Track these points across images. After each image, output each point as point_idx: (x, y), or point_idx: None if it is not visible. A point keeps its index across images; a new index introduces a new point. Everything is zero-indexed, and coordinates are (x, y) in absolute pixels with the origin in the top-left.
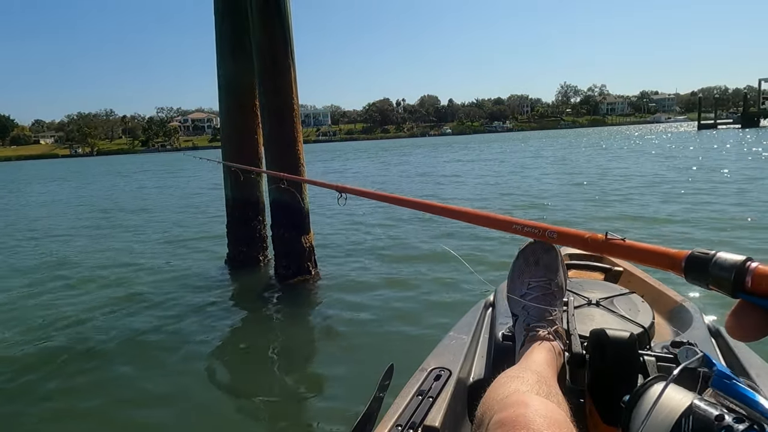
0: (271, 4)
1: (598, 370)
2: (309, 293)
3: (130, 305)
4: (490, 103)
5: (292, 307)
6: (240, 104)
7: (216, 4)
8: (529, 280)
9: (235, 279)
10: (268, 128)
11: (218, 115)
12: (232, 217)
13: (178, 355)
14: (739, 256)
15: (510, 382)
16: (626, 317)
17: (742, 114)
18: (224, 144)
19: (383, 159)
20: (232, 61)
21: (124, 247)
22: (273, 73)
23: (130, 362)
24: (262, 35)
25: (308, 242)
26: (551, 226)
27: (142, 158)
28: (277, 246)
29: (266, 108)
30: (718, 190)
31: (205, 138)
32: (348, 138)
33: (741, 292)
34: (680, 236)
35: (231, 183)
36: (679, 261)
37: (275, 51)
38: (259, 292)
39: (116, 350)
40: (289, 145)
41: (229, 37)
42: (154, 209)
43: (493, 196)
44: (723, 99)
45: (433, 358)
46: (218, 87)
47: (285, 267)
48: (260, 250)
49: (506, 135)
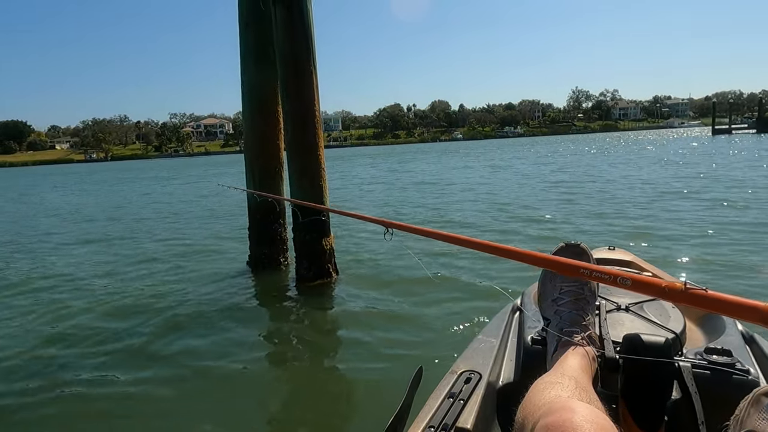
0: (295, 14)
1: (632, 375)
2: (331, 295)
3: (156, 307)
4: (501, 109)
5: (316, 308)
6: (263, 110)
7: (240, 13)
8: (561, 284)
9: (257, 280)
10: (291, 134)
11: (230, 121)
12: (254, 219)
13: (204, 353)
14: None
15: (550, 387)
16: (657, 323)
17: (758, 119)
18: (247, 149)
19: (386, 165)
20: (255, 69)
21: (148, 250)
22: (296, 80)
23: (158, 361)
24: (285, 44)
25: (329, 244)
26: (623, 272)
27: (163, 163)
28: (298, 248)
29: (289, 114)
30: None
31: (218, 143)
32: (359, 143)
33: None
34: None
35: (253, 185)
36: None
37: (298, 59)
38: (282, 293)
39: (143, 351)
40: (311, 150)
41: (252, 45)
42: (177, 213)
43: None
44: (738, 103)
45: (462, 361)
46: (242, 93)
47: (306, 269)
48: (281, 252)
49: (517, 140)
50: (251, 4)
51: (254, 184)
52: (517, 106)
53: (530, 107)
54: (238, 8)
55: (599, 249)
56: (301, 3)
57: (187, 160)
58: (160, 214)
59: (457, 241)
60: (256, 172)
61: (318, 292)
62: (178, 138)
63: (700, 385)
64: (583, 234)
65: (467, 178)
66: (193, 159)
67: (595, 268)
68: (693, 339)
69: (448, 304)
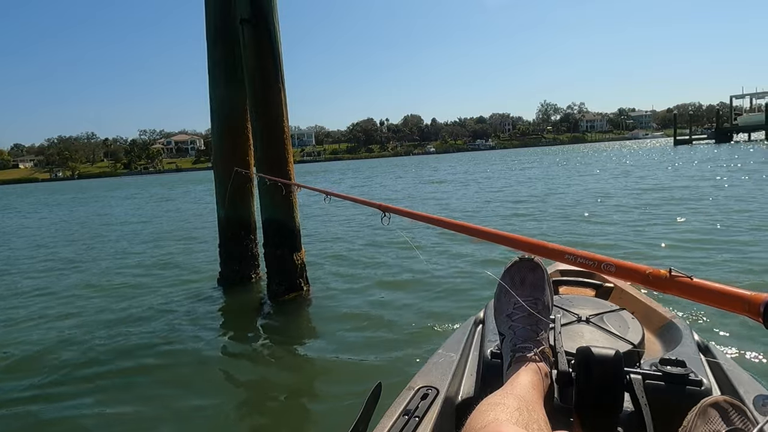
0: (262, 32)
1: (584, 388)
2: (301, 309)
3: (122, 326)
4: (472, 122)
5: (284, 323)
6: (231, 127)
7: (208, 31)
8: (515, 299)
9: (228, 297)
10: (260, 150)
11: (201, 137)
12: (224, 236)
13: (170, 373)
14: None
15: (491, 410)
16: (616, 334)
17: (716, 130)
18: (216, 165)
19: (351, 182)
20: (223, 86)
21: (114, 267)
22: (264, 96)
23: (122, 382)
24: (253, 61)
25: (300, 259)
26: (608, 258)
27: (131, 180)
28: (270, 263)
29: (258, 130)
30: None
31: (189, 160)
32: (332, 158)
33: None
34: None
35: (223, 203)
36: (756, 305)
37: (266, 76)
38: (252, 309)
39: (109, 371)
40: (281, 166)
41: (220, 62)
42: (144, 230)
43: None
44: (697, 115)
45: (420, 377)
46: (210, 110)
47: (278, 284)
48: (252, 267)
49: (488, 153)
50: (219, 23)
51: (224, 200)
52: (488, 119)
53: (501, 120)
54: (206, 26)
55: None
56: (267, 21)
57: (156, 178)
58: (122, 234)
59: (452, 226)
60: (226, 189)
61: (289, 306)
62: (148, 155)
63: (654, 396)
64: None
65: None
66: (162, 176)
67: (581, 254)
68: (652, 350)
69: (417, 316)
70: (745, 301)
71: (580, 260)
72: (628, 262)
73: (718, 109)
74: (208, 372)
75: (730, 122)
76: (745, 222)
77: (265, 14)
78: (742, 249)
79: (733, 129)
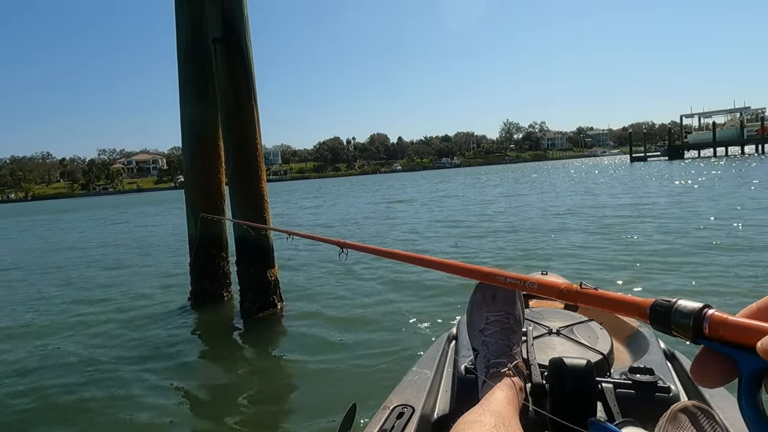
0: (235, 51)
1: (557, 398)
2: (274, 327)
3: (90, 348)
4: (438, 140)
5: (257, 341)
6: (203, 144)
7: (179, 49)
8: (487, 314)
9: (199, 315)
10: (232, 167)
11: (164, 156)
12: (196, 254)
13: (141, 394)
14: (697, 303)
15: (467, 428)
16: (586, 345)
17: (669, 147)
18: (187, 183)
19: (309, 203)
20: (195, 103)
21: (84, 287)
22: (237, 114)
23: (93, 404)
24: (226, 80)
25: (273, 276)
26: (531, 277)
27: (88, 202)
28: (243, 281)
29: (231, 148)
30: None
31: (151, 180)
32: (299, 177)
33: (700, 338)
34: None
35: (194, 221)
36: (644, 309)
37: (239, 94)
38: (224, 327)
39: (77, 393)
40: (254, 183)
41: (192, 80)
42: (111, 249)
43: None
44: (651, 133)
45: (395, 395)
46: (181, 128)
47: (251, 301)
48: (224, 285)
49: (454, 171)
50: (190, 41)
51: (195, 218)
52: (453, 137)
53: (465, 139)
54: (177, 44)
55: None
56: (240, 40)
57: (116, 198)
58: (82, 254)
59: (408, 259)
60: (197, 208)
61: (263, 324)
62: (108, 175)
63: (625, 404)
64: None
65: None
66: (123, 196)
67: (508, 275)
68: (621, 359)
69: (391, 331)
70: (637, 306)
71: (509, 281)
72: (547, 280)
73: (669, 128)
74: (179, 392)
75: (681, 140)
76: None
77: (238, 33)
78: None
79: (684, 146)
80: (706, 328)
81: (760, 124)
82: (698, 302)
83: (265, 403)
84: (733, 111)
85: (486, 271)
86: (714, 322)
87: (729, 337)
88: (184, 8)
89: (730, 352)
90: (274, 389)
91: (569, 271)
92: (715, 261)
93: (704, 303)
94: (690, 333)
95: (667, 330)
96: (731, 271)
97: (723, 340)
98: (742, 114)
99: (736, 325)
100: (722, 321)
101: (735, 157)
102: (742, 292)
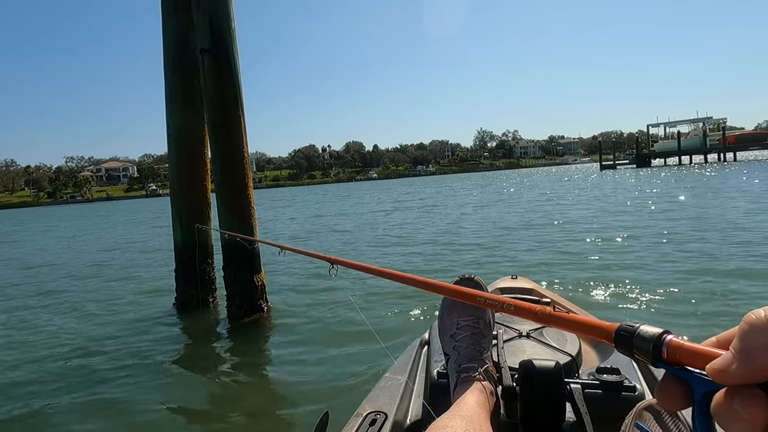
0: (223, 62)
1: (527, 401)
2: (259, 332)
3: (74, 357)
4: (413, 149)
5: (243, 347)
6: (190, 153)
7: (166, 60)
8: (458, 319)
9: (186, 322)
10: (220, 175)
11: (134, 164)
12: (181, 260)
13: (125, 399)
14: (658, 329)
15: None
16: (555, 347)
17: (636, 155)
18: (174, 191)
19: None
20: (182, 113)
21: (64, 296)
22: (225, 124)
23: (77, 415)
24: (214, 90)
25: (260, 281)
26: (507, 299)
27: (54, 212)
28: (230, 286)
29: (218, 157)
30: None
31: (121, 188)
32: (274, 185)
33: (660, 362)
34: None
35: (181, 228)
36: (610, 333)
37: (226, 104)
38: (210, 333)
39: (62, 406)
40: (241, 191)
41: (179, 90)
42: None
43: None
44: (619, 142)
45: (368, 402)
46: (167, 137)
47: (238, 306)
48: (210, 291)
49: (429, 178)
50: (177, 51)
51: (182, 226)
52: (428, 145)
53: (440, 147)
54: (164, 54)
55: (503, 278)
56: (227, 51)
57: (84, 207)
58: (55, 264)
59: (396, 278)
60: (183, 215)
61: (248, 329)
62: (76, 183)
63: (593, 404)
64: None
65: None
66: (91, 205)
67: (487, 296)
68: (589, 360)
69: (372, 340)
70: (603, 331)
71: (488, 302)
72: (523, 303)
73: (637, 137)
74: (162, 398)
75: (648, 148)
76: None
77: (225, 44)
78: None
79: (651, 155)
80: (664, 352)
81: (721, 133)
82: (659, 328)
83: (240, 409)
84: (696, 120)
85: (468, 293)
86: (671, 347)
87: (685, 361)
88: (171, 19)
89: (684, 375)
90: (250, 396)
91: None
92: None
93: (664, 329)
94: (650, 357)
95: (629, 353)
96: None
97: (680, 364)
98: (705, 124)
99: (690, 350)
100: (679, 346)
101: (698, 165)
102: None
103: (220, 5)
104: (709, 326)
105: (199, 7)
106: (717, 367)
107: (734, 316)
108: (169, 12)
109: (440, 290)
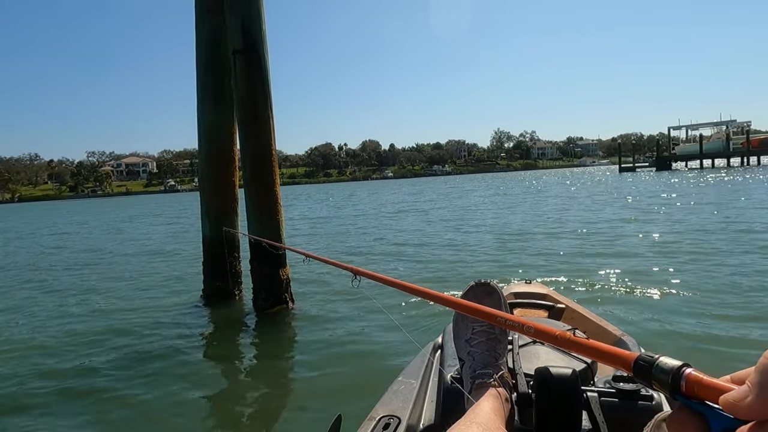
0: (254, 63)
1: (543, 408)
2: (282, 326)
3: (106, 347)
4: (429, 148)
5: (267, 338)
6: (219, 150)
7: (198, 59)
8: (473, 324)
9: (214, 312)
10: (249, 172)
11: (154, 160)
12: (209, 254)
13: (156, 387)
14: (677, 362)
15: None
16: (570, 354)
17: (657, 158)
18: (202, 187)
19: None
20: (212, 111)
21: (97, 286)
22: (254, 122)
23: (111, 400)
24: (244, 89)
25: (285, 275)
26: (529, 321)
27: (75, 204)
28: (256, 279)
29: (247, 154)
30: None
31: (141, 183)
32: (290, 182)
33: (678, 394)
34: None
35: (209, 222)
36: (629, 362)
37: (256, 103)
38: (237, 323)
39: (96, 390)
40: (269, 188)
41: (210, 89)
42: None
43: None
44: (639, 144)
45: (381, 406)
46: (198, 134)
47: (263, 299)
48: (236, 284)
49: (446, 178)
50: (210, 52)
51: (210, 221)
52: (444, 145)
53: (457, 147)
54: (196, 55)
55: (518, 283)
56: (259, 53)
57: (103, 201)
58: (101, 254)
59: (425, 295)
60: (212, 210)
61: (273, 320)
62: (97, 177)
63: (609, 412)
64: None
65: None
66: (112, 199)
67: (508, 317)
68: (604, 368)
69: (394, 335)
70: (622, 360)
71: (508, 323)
72: (542, 325)
73: (658, 139)
74: (187, 387)
75: (669, 151)
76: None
77: (257, 46)
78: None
79: (672, 158)
80: (683, 385)
81: (745, 137)
82: (678, 360)
83: (262, 399)
84: (719, 124)
85: (489, 312)
86: (690, 381)
87: (703, 395)
88: (204, 21)
89: (702, 409)
90: (267, 391)
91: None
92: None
93: (684, 362)
94: (668, 389)
95: (648, 383)
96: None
97: (698, 398)
98: (728, 127)
99: (710, 385)
100: (698, 381)
101: (721, 170)
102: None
103: (252, 7)
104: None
105: (231, 8)
106: (731, 399)
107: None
108: (203, 12)
109: (463, 308)
